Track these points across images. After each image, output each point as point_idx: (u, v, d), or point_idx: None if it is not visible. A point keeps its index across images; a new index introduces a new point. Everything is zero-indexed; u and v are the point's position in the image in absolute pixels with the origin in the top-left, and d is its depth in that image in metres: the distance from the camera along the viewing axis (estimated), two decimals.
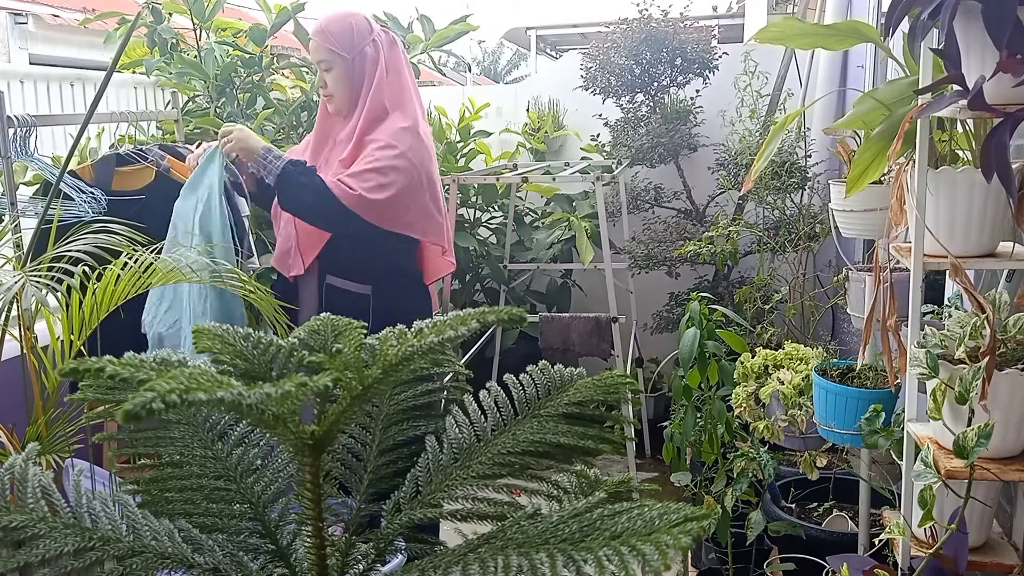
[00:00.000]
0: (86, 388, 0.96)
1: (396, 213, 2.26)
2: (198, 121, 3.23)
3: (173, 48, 3.37)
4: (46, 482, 0.91)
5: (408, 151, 2.25)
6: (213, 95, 3.34)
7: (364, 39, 2.31)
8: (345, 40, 2.28)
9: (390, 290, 2.36)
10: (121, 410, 0.62)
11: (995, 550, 1.65)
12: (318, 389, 0.72)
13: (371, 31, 2.33)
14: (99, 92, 1.86)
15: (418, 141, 2.30)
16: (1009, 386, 1.43)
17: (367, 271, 2.34)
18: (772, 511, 2.46)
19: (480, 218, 4.25)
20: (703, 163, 3.92)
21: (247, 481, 1.06)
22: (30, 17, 4.98)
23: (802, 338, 3.08)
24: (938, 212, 1.52)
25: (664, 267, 3.57)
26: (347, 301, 2.30)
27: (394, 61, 2.36)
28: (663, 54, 3.71)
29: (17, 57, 4.82)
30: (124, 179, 2.46)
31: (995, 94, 1.33)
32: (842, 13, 3.56)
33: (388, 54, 2.35)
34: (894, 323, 1.65)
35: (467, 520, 1.01)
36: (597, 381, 1.08)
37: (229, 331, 0.98)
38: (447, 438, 1.06)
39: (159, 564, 0.90)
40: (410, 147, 2.26)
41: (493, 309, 0.83)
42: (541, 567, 0.72)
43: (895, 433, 1.73)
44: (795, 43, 2.27)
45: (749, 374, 2.38)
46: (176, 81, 3.30)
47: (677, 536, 0.70)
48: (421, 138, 2.31)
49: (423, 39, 3.52)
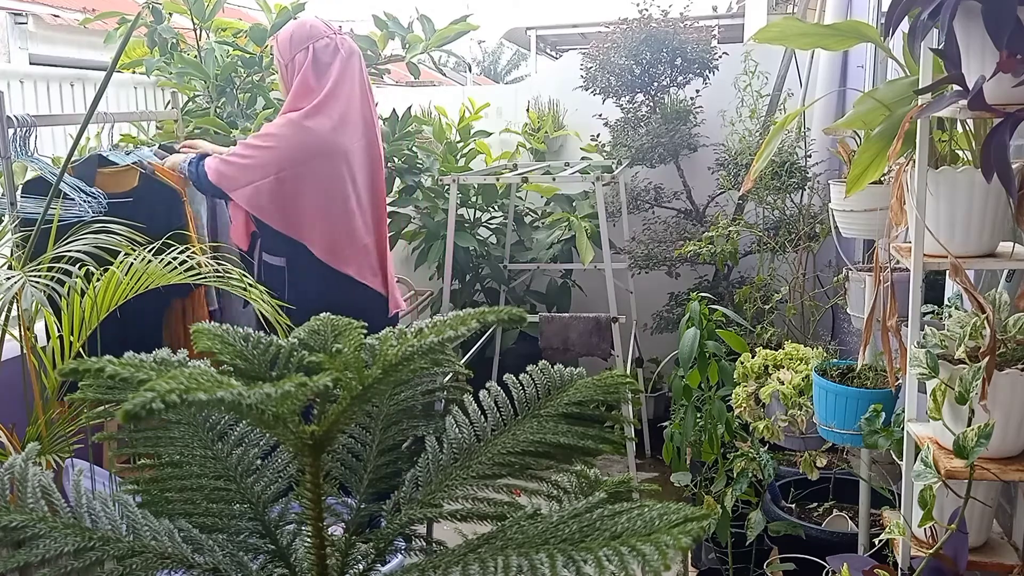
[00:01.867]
0: (86, 388, 0.96)
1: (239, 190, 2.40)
2: (198, 121, 3.23)
3: (173, 48, 3.37)
4: (46, 482, 0.91)
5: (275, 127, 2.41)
6: (213, 95, 3.34)
7: (299, 47, 2.41)
8: (283, 46, 2.44)
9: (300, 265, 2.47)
10: (121, 410, 0.62)
11: (995, 550, 1.65)
12: (318, 389, 0.72)
13: (311, 39, 2.41)
14: (99, 92, 1.86)
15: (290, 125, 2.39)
16: (1009, 386, 1.43)
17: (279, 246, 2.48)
18: (772, 511, 2.46)
19: (480, 218, 4.25)
20: (703, 163, 3.91)
21: (247, 481, 1.06)
22: (30, 17, 4.98)
23: (802, 338, 3.08)
24: (938, 212, 1.52)
25: (664, 267, 3.57)
26: (271, 273, 2.50)
27: (326, 67, 2.42)
28: (663, 54, 3.71)
29: (17, 57, 4.82)
30: (107, 181, 2.45)
31: (995, 94, 1.33)
32: (842, 13, 3.56)
33: (324, 60, 2.41)
34: (894, 323, 1.65)
35: (467, 520, 1.01)
36: (597, 381, 1.08)
37: (229, 331, 0.98)
38: (447, 438, 1.06)
39: (159, 564, 0.90)
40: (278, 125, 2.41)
41: (493, 309, 0.83)
42: (541, 567, 0.72)
43: (895, 433, 1.73)
44: (795, 43, 2.27)
45: (749, 374, 2.38)
46: (176, 81, 3.30)
47: (677, 536, 0.70)
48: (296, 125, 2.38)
49: (423, 39, 3.52)
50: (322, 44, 2.41)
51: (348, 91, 2.43)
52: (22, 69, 3.58)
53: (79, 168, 2.42)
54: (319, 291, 2.45)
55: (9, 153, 2.19)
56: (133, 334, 2.17)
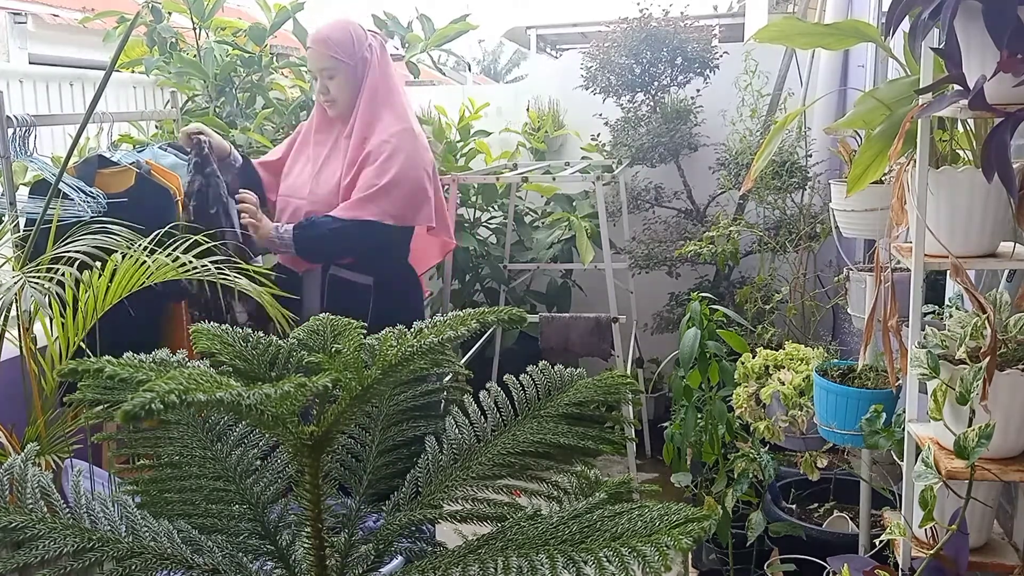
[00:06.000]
0: (85, 388, 0.96)
1: (401, 205, 2.36)
2: (197, 120, 3.23)
3: (172, 47, 3.37)
4: (45, 483, 0.91)
5: (403, 144, 2.37)
6: (212, 94, 3.33)
7: (363, 44, 2.42)
8: (347, 47, 2.39)
9: (389, 280, 2.47)
10: (120, 411, 0.62)
11: (996, 551, 1.64)
12: (317, 390, 0.72)
13: (366, 37, 2.45)
14: (98, 92, 1.86)
15: (412, 136, 2.42)
16: (1010, 386, 1.43)
17: (368, 262, 2.43)
18: (773, 512, 2.46)
19: (480, 218, 4.25)
20: (704, 163, 3.91)
21: (246, 482, 1.06)
22: (29, 17, 4.98)
23: (803, 338, 3.07)
24: (939, 212, 1.52)
25: (664, 267, 3.57)
26: (349, 292, 2.42)
27: (384, 64, 2.48)
28: (663, 53, 3.71)
29: (17, 57, 4.82)
30: (106, 181, 2.45)
31: (996, 94, 1.33)
32: (843, 12, 3.56)
33: (380, 57, 2.46)
34: (895, 323, 1.64)
35: (467, 521, 1.00)
36: (597, 381, 1.08)
37: (228, 331, 0.97)
38: (447, 439, 1.06)
39: (158, 565, 0.90)
40: (404, 141, 2.38)
41: (493, 309, 0.83)
42: (541, 568, 0.72)
43: (896, 433, 1.72)
44: (796, 42, 2.27)
45: (750, 374, 2.37)
46: (175, 80, 3.29)
47: (677, 537, 0.70)
48: (415, 134, 2.43)
49: (423, 38, 3.52)
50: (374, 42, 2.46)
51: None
52: (22, 69, 3.58)
53: (80, 168, 2.42)
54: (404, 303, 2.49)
55: (9, 153, 2.18)
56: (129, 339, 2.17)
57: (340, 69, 2.39)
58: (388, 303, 2.42)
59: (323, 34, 2.39)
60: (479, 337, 3.66)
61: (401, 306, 2.43)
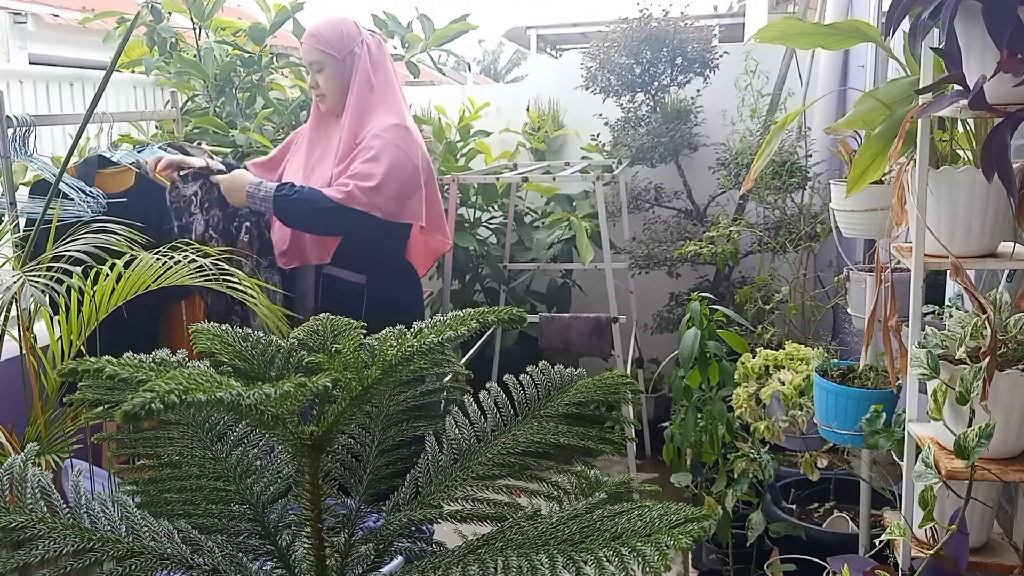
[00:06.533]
0: (86, 388, 0.96)
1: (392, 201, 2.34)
2: (197, 121, 3.23)
3: (172, 47, 3.37)
4: (45, 483, 0.91)
5: (396, 139, 2.36)
6: (212, 94, 3.33)
7: (353, 40, 2.44)
8: (335, 42, 2.42)
9: (383, 279, 2.47)
10: (120, 411, 0.62)
11: (996, 551, 1.64)
12: (317, 390, 0.72)
13: (359, 34, 2.47)
14: (98, 92, 1.85)
15: (405, 132, 2.41)
16: (1010, 386, 1.43)
17: (361, 261, 2.44)
18: (773, 512, 2.46)
19: (480, 218, 4.25)
20: (704, 163, 3.91)
21: (246, 482, 1.06)
22: (29, 17, 4.98)
23: (803, 338, 3.07)
24: (939, 212, 1.52)
25: (664, 267, 3.57)
26: (342, 290, 2.43)
27: (380, 61, 2.49)
28: (663, 53, 3.71)
29: (17, 57, 4.82)
30: (106, 181, 2.45)
31: (996, 94, 1.33)
32: (843, 12, 3.56)
33: (375, 55, 2.48)
34: (895, 323, 1.64)
35: (467, 521, 1.00)
36: (597, 381, 1.08)
37: (228, 331, 0.97)
38: (447, 439, 1.06)
39: (158, 565, 0.90)
40: (397, 137, 2.37)
41: (493, 309, 0.83)
42: (541, 568, 0.72)
43: (896, 434, 1.72)
44: (796, 42, 2.27)
45: (750, 374, 2.37)
46: (175, 80, 3.29)
47: (677, 537, 0.70)
48: (408, 130, 2.43)
49: (423, 38, 3.52)
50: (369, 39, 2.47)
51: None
52: (21, 69, 3.58)
53: (80, 168, 2.42)
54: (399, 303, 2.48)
55: (9, 153, 2.18)
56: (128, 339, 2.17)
57: (328, 63, 2.41)
58: (381, 303, 2.41)
59: (315, 29, 2.44)
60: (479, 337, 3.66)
61: (396, 306, 2.41)
